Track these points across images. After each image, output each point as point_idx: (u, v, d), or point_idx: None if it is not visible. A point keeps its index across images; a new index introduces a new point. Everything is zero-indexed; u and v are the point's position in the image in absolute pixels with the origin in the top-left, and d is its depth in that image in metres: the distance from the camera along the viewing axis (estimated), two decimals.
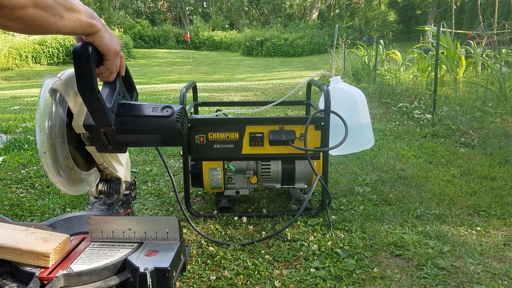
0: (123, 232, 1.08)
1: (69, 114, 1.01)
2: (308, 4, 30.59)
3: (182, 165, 1.85)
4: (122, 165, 1.26)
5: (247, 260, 1.47)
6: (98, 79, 0.93)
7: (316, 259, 1.48)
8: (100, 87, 0.93)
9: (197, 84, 2.20)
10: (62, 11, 0.75)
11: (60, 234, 1.03)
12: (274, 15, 31.15)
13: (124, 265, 0.97)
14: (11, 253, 0.94)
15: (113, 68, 0.95)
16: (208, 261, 1.48)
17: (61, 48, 16.19)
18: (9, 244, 0.95)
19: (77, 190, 1.07)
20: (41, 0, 0.70)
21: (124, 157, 1.28)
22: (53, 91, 0.95)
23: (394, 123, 4.02)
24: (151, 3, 34.48)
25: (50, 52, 15.95)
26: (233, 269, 1.43)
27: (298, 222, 1.79)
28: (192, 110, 2.16)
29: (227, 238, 1.67)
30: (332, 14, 31.50)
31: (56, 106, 0.95)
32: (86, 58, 0.85)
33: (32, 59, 15.39)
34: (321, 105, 1.94)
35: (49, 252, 0.92)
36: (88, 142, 1.05)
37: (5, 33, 16.57)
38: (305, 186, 1.92)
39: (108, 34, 0.89)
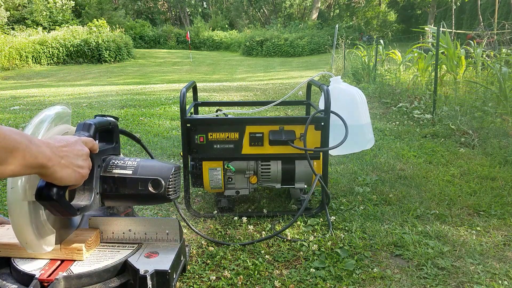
0: (123, 233, 1.08)
1: None
2: (308, 4, 30.58)
3: (182, 165, 1.85)
4: None
5: (247, 260, 1.47)
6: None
7: (316, 259, 1.48)
8: None
9: (197, 84, 2.20)
10: (3, 157, 0.62)
11: (89, 229, 1.05)
12: (274, 15, 31.14)
13: (124, 267, 0.97)
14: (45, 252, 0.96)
15: (83, 180, 0.84)
16: (208, 261, 1.48)
17: (61, 48, 16.17)
18: None
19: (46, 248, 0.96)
20: None
21: None
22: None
23: (394, 123, 4.01)
24: (150, 3, 34.47)
25: (51, 52, 15.93)
26: (233, 269, 1.43)
27: (298, 222, 1.79)
28: (192, 110, 2.16)
29: (227, 238, 1.67)
30: (332, 14, 31.50)
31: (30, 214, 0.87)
32: (52, 202, 0.78)
33: (32, 59, 15.38)
34: (321, 105, 1.94)
35: (81, 246, 0.95)
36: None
37: (5, 33, 16.58)
38: (305, 186, 1.92)
39: (63, 166, 0.74)
